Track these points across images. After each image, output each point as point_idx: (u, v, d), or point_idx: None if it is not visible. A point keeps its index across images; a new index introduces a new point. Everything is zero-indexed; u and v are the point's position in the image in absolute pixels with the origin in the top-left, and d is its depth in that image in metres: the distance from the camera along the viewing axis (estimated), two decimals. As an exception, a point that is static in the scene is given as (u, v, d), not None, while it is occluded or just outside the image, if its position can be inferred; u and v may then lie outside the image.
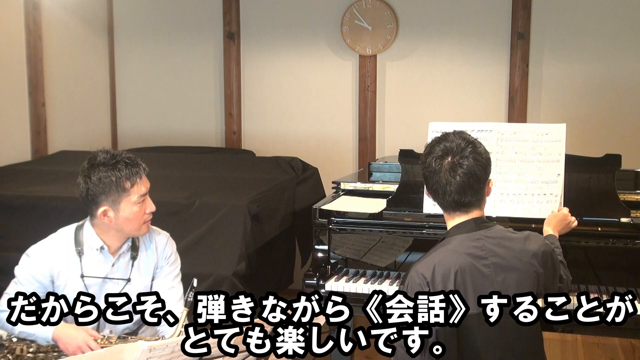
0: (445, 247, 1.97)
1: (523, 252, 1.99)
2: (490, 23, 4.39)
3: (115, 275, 2.26)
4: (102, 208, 2.15)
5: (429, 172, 2.00)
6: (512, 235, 2.03)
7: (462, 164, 1.96)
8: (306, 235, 3.47)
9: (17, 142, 4.09)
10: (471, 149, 1.98)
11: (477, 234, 1.97)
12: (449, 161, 1.97)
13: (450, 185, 1.96)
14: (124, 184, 2.13)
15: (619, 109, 4.27)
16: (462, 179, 1.96)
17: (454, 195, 1.97)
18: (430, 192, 2.05)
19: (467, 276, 1.90)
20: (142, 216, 2.20)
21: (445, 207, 2.03)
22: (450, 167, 1.96)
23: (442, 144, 2.00)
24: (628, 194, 2.84)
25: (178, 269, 2.42)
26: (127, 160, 2.17)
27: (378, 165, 3.43)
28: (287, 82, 4.78)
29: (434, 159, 1.99)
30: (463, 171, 1.95)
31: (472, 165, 1.96)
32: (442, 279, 1.88)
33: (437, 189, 1.99)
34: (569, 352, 3.91)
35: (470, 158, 1.97)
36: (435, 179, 1.98)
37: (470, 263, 1.92)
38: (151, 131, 5.02)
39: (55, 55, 4.38)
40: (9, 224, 3.15)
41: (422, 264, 1.93)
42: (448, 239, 2.01)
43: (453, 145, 1.98)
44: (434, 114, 4.46)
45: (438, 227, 2.74)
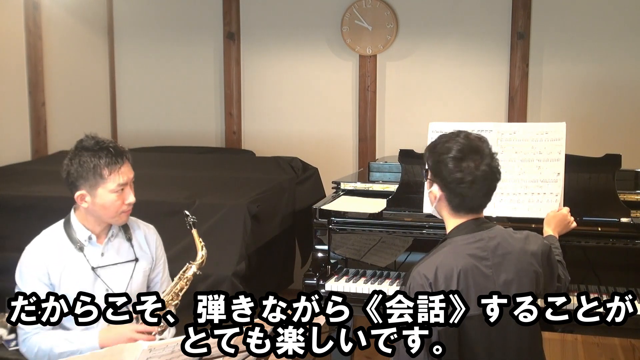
0: (446, 248, 1.97)
1: (523, 252, 1.99)
2: (490, 23, 4.39)
3: (112, 260, 2.27)
4: (80, 192, 2.17)
5: (459, 175, 1.93)
6: (512, 235, 2.03)
7: (494, 168, 1.96)
8: (306, 235, 3.46)
9: (17, 142, 4.09)
10: (494, 153, 1.99)
11: (478, 235, 1.97)
12: (483, 167, 1.94)
13: (480, 190, 1.95)
14: (101, 170, 2.15)
15: (619, 109, 4.27)
16: (493, 184, 1.97)
17: (481, 199, 1.98)
18: (449, 194, 1.97)
19: (470, 277, 1.90)
20: (120, 206, 2.20)
21: (459, 209, 1.99)
22: (483, 173, 1.93)
23: (469, 146, 1.95)
24: (628, 194, 2.83)
25: (165, 259, 2.49)
26: (111, 148, 2.18)
27: (378, 165, 3.43)
28: (287, 82, 4.79)
29: (465, 163, 1.93)
30: (493, 177, 1.96)
31: (498, 170, 1.98)
32: (445, 280, 1.88)
33: (464, 193, 1.94)
34: (569, 352, 3.91)
35: (497, 163, 1.98)
36: (465, 183, 1.93)
37: (472, 264, 1.92)
38: (151, 131, 5.02)
39: (55, 55, 4.38)
40: (9, 224, 3.15)
41: (423, 265, 1.93)
42: (449, 240, 2.00)
43: (484, 149, 1.96)
44: (434, 114, 4.46)
45: (438, 227, 2.74)
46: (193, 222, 2.34)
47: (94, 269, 2.22)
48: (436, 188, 2.00)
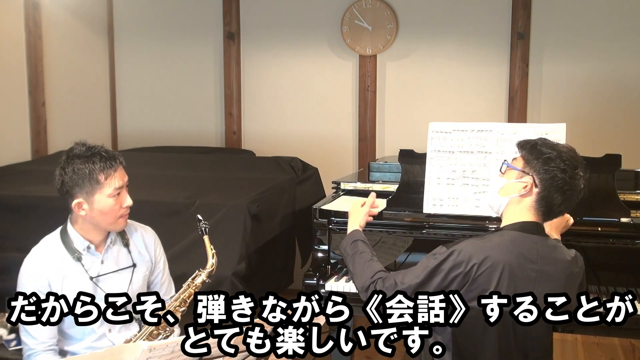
0: (502, 239, 1.99)
1: (568, 270, 2.02)
2: (490, 23, 4.39)
3: (112, 268, 2.26)
4: (77, 200, 2.14)
5: (569, 180, 1.98)
6: (563, 250, 2.06)
7: (585, 187, 2.05)
8: (306, 235, 3.47)
9: (17, 142, 4.09)
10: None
11: (535, 238, 2.00)
12: (584, 182, 2.03)
13: (572, 201, 2.02)
14: (97, 176, 2.13)
15: (619, 109, 4.27)
16: (578, 200, 2.04)
17: (565, 209, 2.06)
18: (545, 192, 2.00)
19: (512, 275, 1.93)
20: (118, 210, 2.19)
21: (542, 208, 2.02)
22: (583, 187, 2.02)
23: (579, 159, 2.04)
24: (628, 194, 2.83)
25: (165, 259, 2.47)
26: (103, 153, 2.17)
27: (378, 165, 3.42)
28: (287, 82, 4.79)
29: (578, 175, 2.00)
30: (582, 194, 2.04)
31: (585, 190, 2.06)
32: (489, 269, 1.91)
33: (561, 197, 2.00)
34: (569, 352, 3.91)
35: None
36: (569, 190, 1.99)
37: (519, 263, 1.94)
38: (151, 131, 5.02)
39: (55, 55, 4.38)
40: (9, 224, 3.15)
41: (475, 247, 1.95)
42: (507, 232, 2.02)
43: (582, 162, 2.04)
44: (434, 114, 4.46)
45: (438, 227, 2.74)
46: (205, 227, 2.30)
47: (92, 279, 2.20)
48: (530, 180, 2.01)
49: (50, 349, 2.15)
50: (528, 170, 2.03)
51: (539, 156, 2.01)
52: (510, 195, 2.05)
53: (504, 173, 2.10)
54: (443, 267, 1.95)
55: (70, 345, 2.22)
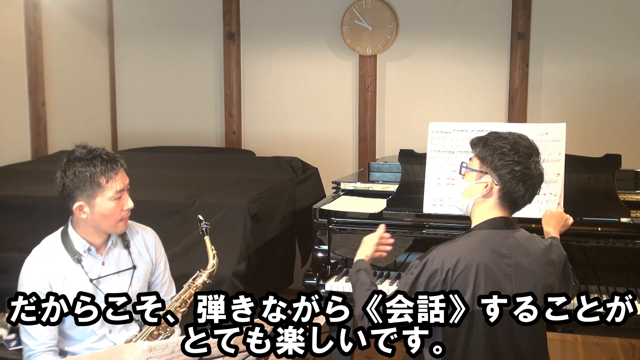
0: (472, 239, 1.99)
1: (544, 259, 2.01)
2: (490, 23, 4.39)
3: (113, 269, 2.26)
4: (78, 203, 2.13)
5: (525, 171, 1.98)
6: (536, 240, 2.06)
7: (542, 172, 2.04)
8: (306, 235, 3.46)
9: (17, 142, 4.09)
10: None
11: (505, 232, 2.00)
12: (540, 168, 2.02)
13: (533, 189, 2.01)
14: (98, 179, 2.12)
15: (619, 109, 4.27)
16: (539, 187, 2.04)
17: (528, 199, 2.03)
18: (505, 187, 2.00)
19: (489, 273, 1.93)
20: (119, 213, 2.18)
21: (506, 202, 2.02)
22: (539, 174, 2.02)
23: (531, 146, 2.03)
24: (628, 194, 2.84)
25: (166, 260, 2.47)
26: (104, 155, 2.16)
27: (378, 165, 3.43)
28: (287, 82, 4.79)
29: (533, 162, 1.99)
30: (542, 180, 2.04)
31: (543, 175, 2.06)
32: (464, 271, 1.91)
33: (521, 188, 1.99)
34: (569, 352, 3.91)
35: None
36: (527, 180, 1.99)
37: (493, 260, 1.94)
38: (151, 131, 5.02)
39: (55, 55, 4.38)
40: (9, 224, 3.15)
41: (446, 252, 1.95)
42: (476, 232, 2.02)
43: (539, 152, 2.03)
44: (434, 114, 4.46)
45: (438, 227, 2.74)
46: (206, 228, 2.30)
47: (92, 281, 2.20)
48: (489, 179, 2.01)
49: (50, 350, 2.15)
50: (485, 169, 2.02)
51: (492, 152, 2.01)
52: (473, 197, 2.06)
53: (463, 175, 2.10)
54: (421, 280, 1.95)
55: (70, 346, 2.22)
